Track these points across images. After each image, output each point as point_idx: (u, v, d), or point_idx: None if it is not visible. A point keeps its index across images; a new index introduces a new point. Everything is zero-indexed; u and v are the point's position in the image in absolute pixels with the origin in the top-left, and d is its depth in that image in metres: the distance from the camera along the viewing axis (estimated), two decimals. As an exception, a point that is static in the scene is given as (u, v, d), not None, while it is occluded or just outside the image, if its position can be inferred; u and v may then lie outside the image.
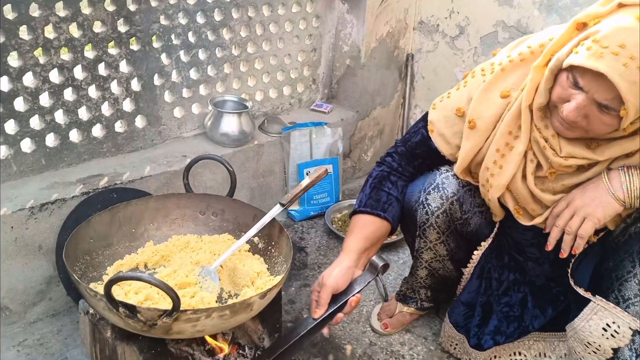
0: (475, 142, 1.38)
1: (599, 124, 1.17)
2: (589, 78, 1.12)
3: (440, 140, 1.46)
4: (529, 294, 1.55)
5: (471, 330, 1.58)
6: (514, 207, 1.40)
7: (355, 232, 1.46)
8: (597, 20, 1.14)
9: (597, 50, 1.08)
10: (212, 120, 2.07)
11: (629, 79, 1.06)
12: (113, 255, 1.45)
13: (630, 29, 1.07)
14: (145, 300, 1.27)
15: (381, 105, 2.63)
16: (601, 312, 1.29)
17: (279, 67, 2.33)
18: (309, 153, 2.30)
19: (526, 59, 1.33)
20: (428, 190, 1.49)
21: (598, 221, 1.25)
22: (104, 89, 1.84)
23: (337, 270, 1.36)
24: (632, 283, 1.27)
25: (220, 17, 2.05)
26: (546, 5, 2.13)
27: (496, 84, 1.36)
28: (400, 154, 1.56)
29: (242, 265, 1.46)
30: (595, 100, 1.13)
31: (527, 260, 1.55)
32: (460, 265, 1.64)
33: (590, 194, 1.25)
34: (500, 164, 1.35)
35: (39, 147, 1.74)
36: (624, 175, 1.24)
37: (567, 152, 1.26)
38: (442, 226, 1.53)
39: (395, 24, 2.50)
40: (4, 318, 1.66)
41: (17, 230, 1.61)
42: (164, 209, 1.55)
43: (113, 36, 1.80)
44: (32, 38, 1.63)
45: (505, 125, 1.33)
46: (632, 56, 1.06)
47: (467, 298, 1.62)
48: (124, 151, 1.96)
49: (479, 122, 1.36)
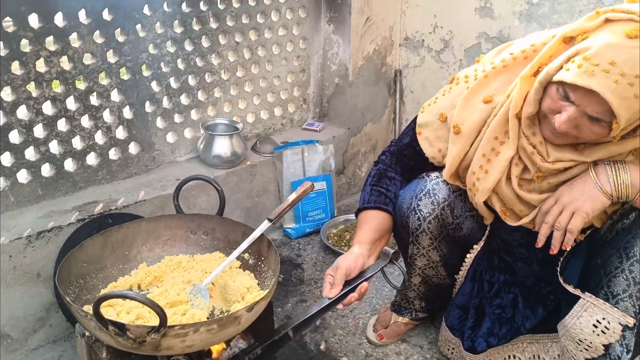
0: (460, 146, 1.42)
1: (589, 133, 1.20)
2: (580, 93, 1.15)
3: (425, 143, 1.51)
4: (519, 295, 1.57)
5: (465, 332, 1.60)
6: (501, 208, 1.43)
7: (364, 226, 1.51)
8: (585, 35, 1.17)
9: (589, 68, 1.11)
10: (204, 143, 2.12)
11: (620, 95, 1.10)
12: (107, 278, 1.49)
13: (620, 46, 1.10)
14: (137, 319, 1.30)
15: (372, 121, 2.67)
16: (591, 308, 1.31)
17: (268, 88, 2.38)
18: (302, 171, 2.34)
19: (509, 65, 1.37)
20: (419, 196, 1.53)
21: (587, 215, 1.26)
22: (97, 118, 1.89)
23: (351, 255, 1.41)
24: (620, 279, 1.28)
25: (207, 43, 2.12)
26: (526, 15, 2.18)
27: (479, 90, 1.40)
28: (392, 153, 1.63)
29: (232, 282, 1.48)
30: (587, 113, 1.16)
31: (516, 261, 1.57)
32: (453, 271, 1.66)
33: (579, 189, 1.28)
34: (486, 168, 1.38)
35: (35, 178, 1.80)
36: (610, 169, 1.26)
37: (555, 157, 1.29)
38: (435, 232, 1.55)
39: (381, 42, 2.56)
40: (5, 346, 1.69)
41: (16, 258, 1.65)
42: (156, 230, 1.59)
43: (103, 67, 1.86)
44: (24, 72, 1.69)
45: (491, 131, 1.36)
46: (623, 73, 1.09)
47: (462, 301, 1.64)
48: (118, 178, 2.01)
49: (463, 127, 1.40)
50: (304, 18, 2.40)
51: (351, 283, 1.38)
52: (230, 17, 2.15)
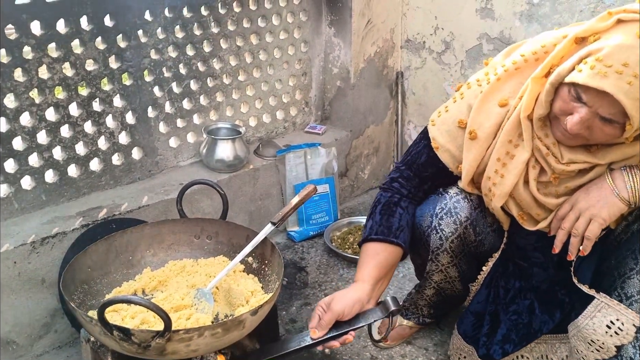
0: (477, 152, 1.39)
1: (601, 134, 1.19)
2: (592, 94, 1.14)
3: (447, 156, 1.45)
4: (535, 300, 1.54)
5: (480, 340, 1.56)
6: (518, 213, 1.41)
7: (368, 261, 1.44)
8: (597, 36, 1.16)
9: (602, 70, 1.11)
10: (207, 147, 2.13)
11: (633, 96, 1.09)
12: (111, 283, 1.49)
13: (633, 47, 1.10)
14: (142, 324, 1.30)
15: (374, 124, 2.67)
16: (605, 309, 1.29)
17: (270, 92, 2.39)
18: (305, 174, 2.35)
19: (521, 67, 1.35)
20: (440, 215, 1.48)
21: (604, 222, 1.25)
22: (100, 124, 1.90)
23: (349, 298, 1.35)
24: (634, 280, 1.27)
25: (209, 48, 2.12)
26: (527, 15, 2.18)
27: (493, 93, 1.37)
28: (408, 179, 1.53)
29: (236, 286, 1.48)
30: (599, 114, 1.16)
31: (532, 266, 1.55)
32: (468, 281, 1.64)
33: (595, 195, 1.26)
34: (501, 172, 1.36)
35: (38, 184, 1.80)
36: (627, 174, 1.25)
37: (568, 158, 1.28)
38: (456, 250, 1.53)
39: (382, 44, 2.56)
40: (10, 352, 1.70)
41: (20, 265, 1.66)
42: (160, 235, 1.59)
43: (105, 73, 1.87)
44: (27, 79, 1.70)
45: (506, 134, 1.34)
46: (636, 74, 1.08)
47: (477, 308, 1.61)
48: (122, 183, 2.01)
49: (480, 132, 1.38)
50: (305, 21, 2.41)
51: (340, 325, 1.34)
52: (231, 21, 2.16)
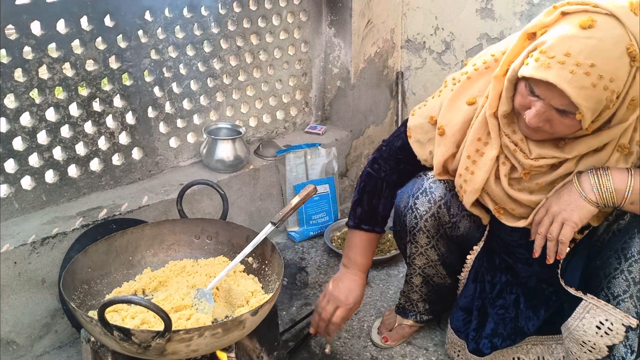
0: (445, 148, 1.44)
1: (562, 127, 1.21)
2: (542, 87, 1.16)
3: (417, 146, 1.52)
4: (521, 295, 1.57)
5: (469, 334, 1.59)
6: (494, 207, 1.43)
7: (360, 248, 1.63)
8: (544, 30, 1.18)
9: (545, 61, 1.12)
10: (207, 147, 2.13)
11: (577, 85, 1.10)
12: (111, 284, 1.49)
13: (573, 36, 1.11)
14: (142, 324, 1.31)
15: (375, 124, 2.67)
16: (593, 310, 1.31)
17: (270, 92, 2.39)
18: (305, 174, 2.34)
19: (490, 66, 1.38)
20: (416, 195, 1.54)
21: (575, 225, 1.27)
22: (100, 124, 1.90)
23: (357, 289, 1.61)
24: (620, 280, 1.28)
25: (209, 48, 2.12)
26: (526, 15, 2.18)
27: (463, 91, 1.42)
28: (386, 160, 1.61)
29: (236, 286, 1.49)
30: (553, 106, 1.17)
31: (516, 262, 1.57)
32: (454, 271, 1.66)
33: (565, 199, 1.28)
34: (472, 169, 1.39)
35: (39, 184, 1.80)
36: (593, 177, 1.26)
37: (537, 153, 1.30)
38: (432, 230, 1.56)
39: (382, 44, 2.56)
40: (11, 352, 1.70)
41: (20, 265, 1.66)
42: (160, 235, 1.59)
43: (105, 73, 1.87)
44: (27, 80, 1.70)
45: (474, 132, 1.38)
46: (578, 63, 1.09)
47: (465, 303, 1.64)
48: (122, 183, 2.01)
49: (447, 129, 1.42)
50: (305, 22, 2.41)
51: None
52: (231, 21, 2.16)
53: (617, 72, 1.10)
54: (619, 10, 1.10)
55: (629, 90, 1.14)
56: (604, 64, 1.09)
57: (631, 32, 1.09)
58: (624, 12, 1.10)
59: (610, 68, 1.09)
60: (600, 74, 1.09)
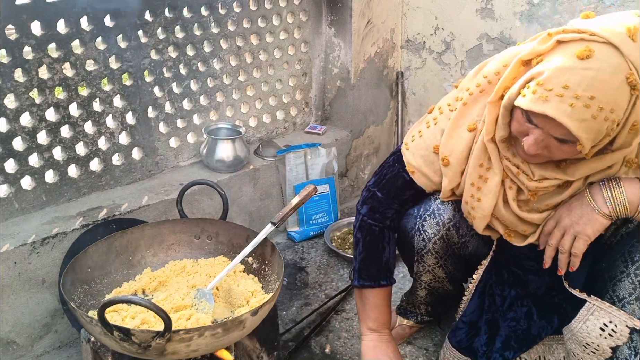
0: (451, 177, 1.40)
1: (561, 153, 1.19)
2: (540, 118, 1.13)
3: (424, 179, 1.46)
4: (533, 307, 1.53)
5: (479, 350, 1.54)
6: (505, 231, 1.40)
7: (384, 307, 1.58)
8: (539, 58, 1.15)
9: (543, 94, 1.09)
10: (207, 147, 2.13)
11: (577, 118, 1.08)
12: (111, 284, 1.49)
13: (571, 68, 1.08)
14: (142, 324, 1.30)
15: (375, 124, 2.67)
16: (597, 312, 1.30)
17: (270, 92, 2.39)
18: (305, 174, 2.35)
19: (485, 89, 1.34)
20: (424, 217, 1.50)
21: (589, 238, 1.25)
22: (100, 124, 1.90)
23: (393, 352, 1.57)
24: (626, 282, 1.28)
25: (209, 48, 2.12)
26: (527, 16, 2.18)
27: (461, 118, 1.37)
28: (386, 205, 1.52)
29: (236, 286, 1.49)
30: (552, 135, 1.15)
31: (527, 274, 1.54)
32: (460, 283, 1.64)
33: (577, 212, 1.26)
34: (477, 196, 1.36)
35: (39, 184, 1.80)
36: (605, 190, 1.24)
37: (539, 175, 1.27)
38: (440, 251, 1.54)
39: (382, 44, 2.56)
40: (11, 352, 1.70)
41: (20, 265, 1.66)
42: (160, 235, 1.59)
43: (106, 73, 1.87)
44: (27, 80, 1.70)
45: (475, 159, 1.34)
46: (577, 96, 1.06)
47: (470, 318, 1.58)
48: (122, 183, 2.01)
49: (452, 158, 1.38)
50: (305, 22, 2.41)
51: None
52: (231, 21, 2.16)
53: (617, 102, 1.07)
54: (616, 38, 1.06)
55: (628, 117, 1.11)
56: (604, 95, 1.06)
57: (630, 60, 1.06)
58: (621, 40, 1.07)
59: (610, 99, 1.07)
60: (601, 105, 1.06)
